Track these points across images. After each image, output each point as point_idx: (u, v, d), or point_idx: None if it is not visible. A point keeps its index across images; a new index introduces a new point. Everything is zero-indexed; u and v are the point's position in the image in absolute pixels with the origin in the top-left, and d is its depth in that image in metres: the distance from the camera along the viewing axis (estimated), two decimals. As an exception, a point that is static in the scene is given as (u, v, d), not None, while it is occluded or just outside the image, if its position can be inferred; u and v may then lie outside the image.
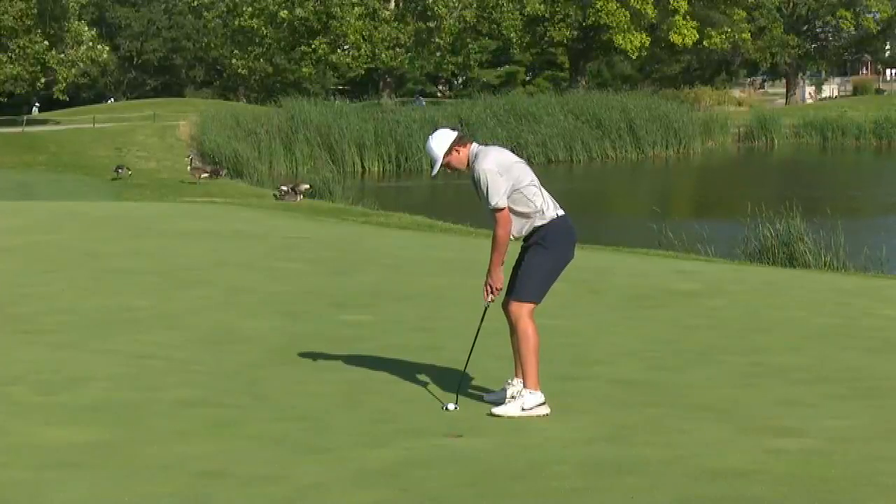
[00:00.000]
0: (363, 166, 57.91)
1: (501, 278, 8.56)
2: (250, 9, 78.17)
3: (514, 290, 8.58)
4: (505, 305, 8.65)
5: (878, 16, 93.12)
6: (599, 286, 14.91)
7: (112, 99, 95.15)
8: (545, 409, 8.54)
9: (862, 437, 7.95)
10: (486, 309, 8.70)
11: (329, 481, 7.20)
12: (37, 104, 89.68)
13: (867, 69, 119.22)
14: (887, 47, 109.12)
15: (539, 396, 8.57)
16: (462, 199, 41.95)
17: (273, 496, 6.93)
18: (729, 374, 9.91)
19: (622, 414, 8.66)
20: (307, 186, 36.82)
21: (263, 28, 79.06)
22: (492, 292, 8.56)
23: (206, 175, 41.76)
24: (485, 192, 8.48)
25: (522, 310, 8.53)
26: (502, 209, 8.43)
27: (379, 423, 8.48)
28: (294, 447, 7.91)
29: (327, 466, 7.49)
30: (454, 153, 8.67)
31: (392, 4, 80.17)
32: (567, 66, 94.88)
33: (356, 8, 77.18)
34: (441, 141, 8.67)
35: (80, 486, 7.14)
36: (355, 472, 7.36)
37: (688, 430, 8.19)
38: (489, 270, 8.56)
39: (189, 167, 42.79)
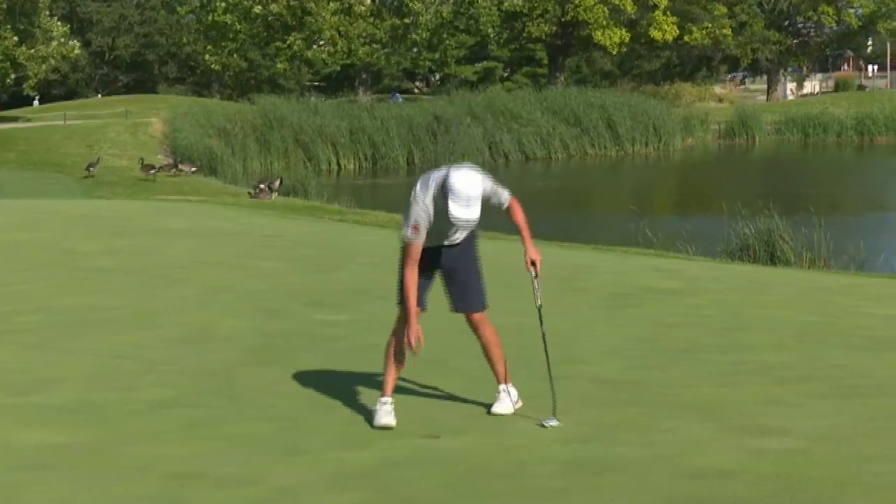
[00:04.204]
0: (338, 164, 57.85)
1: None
2: (224, 4, 77.98)
3: (472, 303, 8.56)
4: (466, 316, 8.60)
5: (860, 11, 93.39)
6: (580, 284, 14.92)
7: (98, 95, 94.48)
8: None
9: (846, 437, 7.97)
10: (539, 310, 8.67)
11: (305, 483, 7.19)
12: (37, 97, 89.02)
13: (849, 65, 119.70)
14: (869, 43, 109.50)
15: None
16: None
17: (248, 499, 6.92)
18: (711, 373, 9.93)
19: (604, 413, 8.66)
20: (279, 181, 36.75)
21: (237, 23, 78.88)
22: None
23: (153, 171, 41.42)
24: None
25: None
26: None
27: (356, 424, 8.47)
28: (269, 449, 7.89)
29: (303, 468, 7.47)
30: None
31: (368, 0, 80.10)
32: (546, 62, 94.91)
33: (331, 3, 77.07)
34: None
35: (52, 488, 7.11)
36: (332, 474, 7.35)
37: (670, 429, 8.20)
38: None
39: (140, 166, 42.60)
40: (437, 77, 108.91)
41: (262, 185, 35.80)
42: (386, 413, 8.40)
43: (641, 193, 46.99)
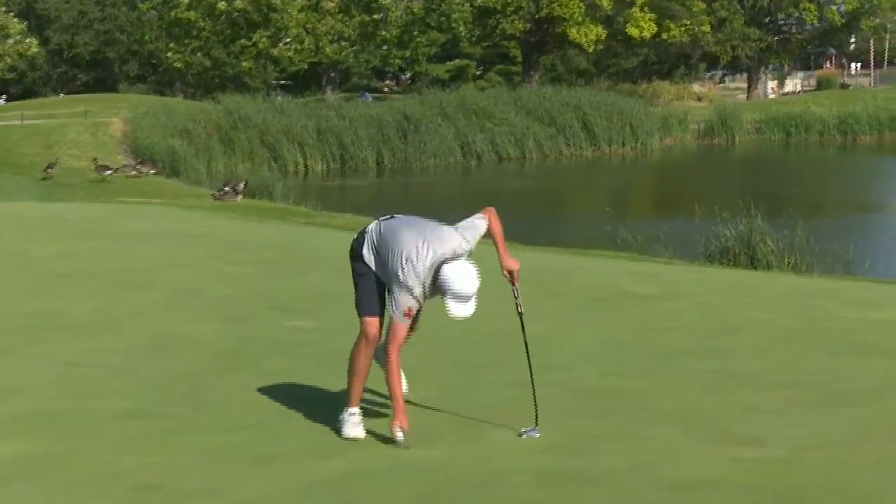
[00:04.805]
0: (305, 165, 57.74)
1: None
2: (187, 0, 77.83)
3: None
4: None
5: (842, 8, 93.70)
6: (559, 289, 14.94)
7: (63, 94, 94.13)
8: None
9: (829, 445, 8.01)
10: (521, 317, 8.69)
11: (273, 494, 7.19)
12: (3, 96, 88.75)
13: (831, 63, 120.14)
14: (852, 40, 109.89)
15: None
16: (409, 199, 41.93)
17: (215, 510, 6.92)
18: (692, 380, 9.96)
19: (583, 422, 8.68)
20: (245, 183, 36.67)
21: (201, 20, 78.75)
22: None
23: (109, 173, 41.23)
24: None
25: None
26: None
27: (326, 432, 8.47)
28: (237, 458, 7.89)
29: (272, 478, 7.48)
30: None
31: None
32: (519, 60, 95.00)
33: (298, 0, 77.01)
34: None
35: (12, 501, 7.09)
36: (301, 484, 7.35)
37: (650, 437, 8.23)
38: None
39: (94, 167, 42.41)
40: (408, 76, 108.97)
41: (226, 187, 35.72)
42: (354, 425, 8.39)
43: (618, 194, 47.07)
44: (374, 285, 8.39)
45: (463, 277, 7.99)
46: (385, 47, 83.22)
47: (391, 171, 56.57)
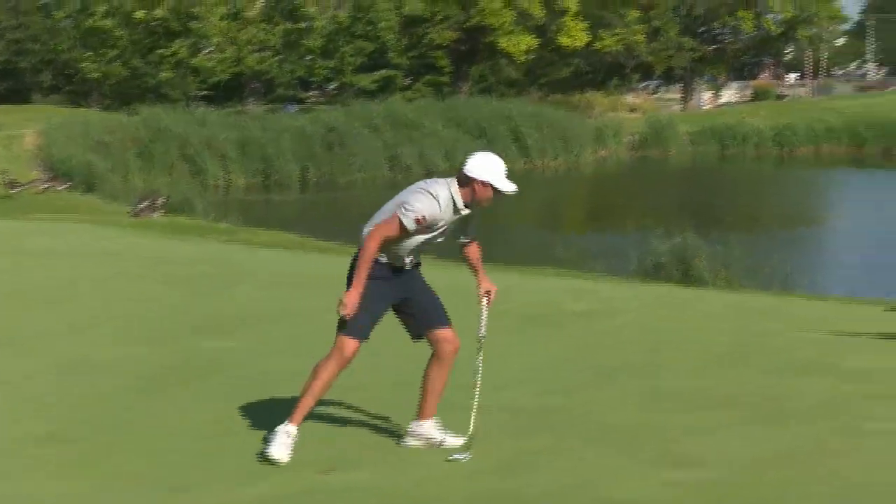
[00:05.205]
0: (227, 179, 57.52)
1: None
2: (104, 8, 77.34)
3: (441, 316, 8.58)
4: (431, 334, 8.57)
5: (779, 17, 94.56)
6: (494, 307, 14.93)
7: None
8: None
9: (766, 464, 8.06)
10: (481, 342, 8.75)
11: (195, 521, 7.16)
12: None
13: (768, 73, 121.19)
14: (789, 50, 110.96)
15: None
16: (336, 215, 41.85)
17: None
18: (628, 399, 10.00)
19: (518, 442, 8.70)
20: (164, 198, 36.45)
21: (118, 29, 78.28)
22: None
23: (17, 189, 40.90)
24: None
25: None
26: None
27: (248, 457, 8.42)
28: (153, 486, 7.84)
29: (192, 505, 7.44)
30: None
31: (258, 4, 79.81)
32: (449, 70, 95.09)
33: (219, 8, 76.75)
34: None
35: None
36: (224, 511, 7.32)
37: (586, 457, 8.26)
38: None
39: (2, 182, 42.05)
40: (334, 86, 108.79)
41: (144, 203, 35.49)
42: (286, 446, 8.28)
43: (552, 208, 47.25)
44: (373, 305, 8.35)
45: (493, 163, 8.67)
46: (310, 57, 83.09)
47: (317, 186, 56.42)
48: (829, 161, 67.05)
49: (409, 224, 8.18)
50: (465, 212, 8.39)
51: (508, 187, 8.47)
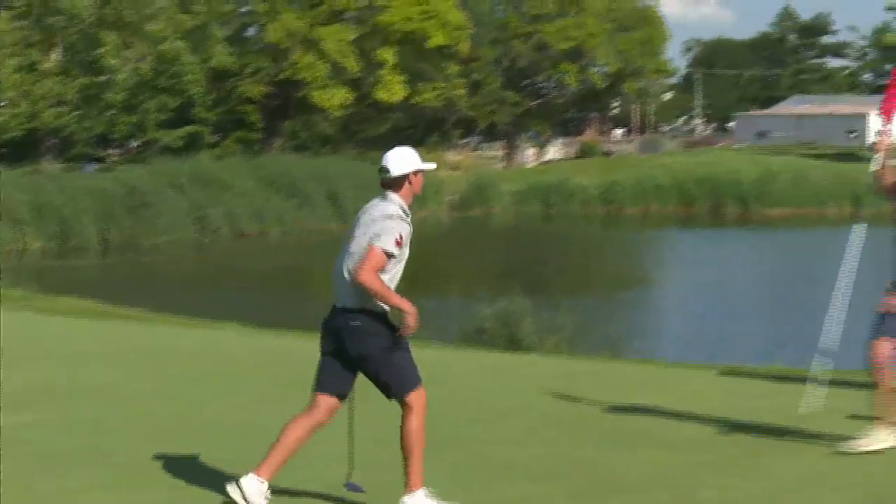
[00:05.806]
0: (21, 243, 56.52)
1: None
2: None
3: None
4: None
5: (604, 70, 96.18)
6: (304, 379, 14.86)
7: None
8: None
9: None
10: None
11: None
12: None
13: (594, 128, 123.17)
14: (615, 103, 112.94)
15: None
16: (139, 280, 41.38)
17: None
18: (448, 470, 10.01)
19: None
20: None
21: None
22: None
23: None
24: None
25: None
26: None
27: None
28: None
29: None
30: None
31: (54, 55, 78.86)
32: (259, 126, 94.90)
33: (12, 59, 75.65)
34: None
35: None
36: None
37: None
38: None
39: None
40: (137, 143, 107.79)
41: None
42: (259, 494, 8.50)
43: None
44: (335, 364, 8.88)
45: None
46: (111, 112, 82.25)
47: (118, 249, 55.74)
48: (657, 220, 68.24)
49: (391, 248, 8.68)
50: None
51: (430, 164, 8.97)
